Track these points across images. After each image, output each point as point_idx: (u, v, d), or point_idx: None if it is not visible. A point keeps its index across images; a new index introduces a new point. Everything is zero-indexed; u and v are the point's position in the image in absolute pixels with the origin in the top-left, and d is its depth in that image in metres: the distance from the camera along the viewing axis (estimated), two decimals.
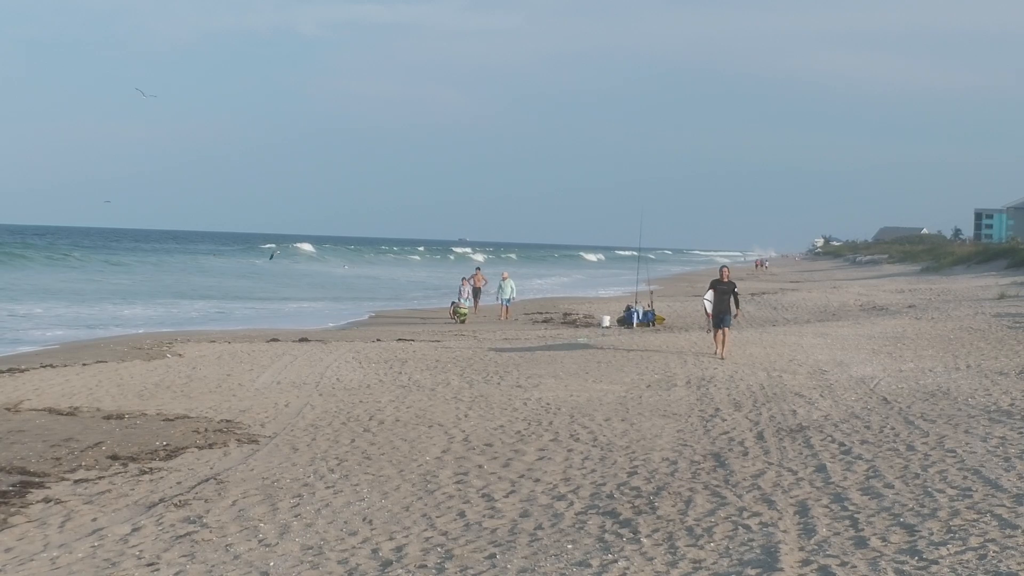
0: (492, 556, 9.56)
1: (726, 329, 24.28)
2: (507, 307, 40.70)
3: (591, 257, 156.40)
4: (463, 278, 42.15)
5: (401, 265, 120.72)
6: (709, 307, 24.81)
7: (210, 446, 15.12)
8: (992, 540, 9.19)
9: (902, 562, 8.67)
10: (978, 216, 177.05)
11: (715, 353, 24.22)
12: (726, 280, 25.00)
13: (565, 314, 41.65)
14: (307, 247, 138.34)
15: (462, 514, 11.20)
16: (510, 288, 41.08)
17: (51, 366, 23.23)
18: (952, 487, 11.40)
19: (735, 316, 24.72)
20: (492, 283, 43.74)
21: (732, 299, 24.65)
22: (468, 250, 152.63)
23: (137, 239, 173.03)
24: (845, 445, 14.10)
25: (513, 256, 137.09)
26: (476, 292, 42.05)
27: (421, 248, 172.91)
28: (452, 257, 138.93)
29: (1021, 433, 14.43)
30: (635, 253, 49.13)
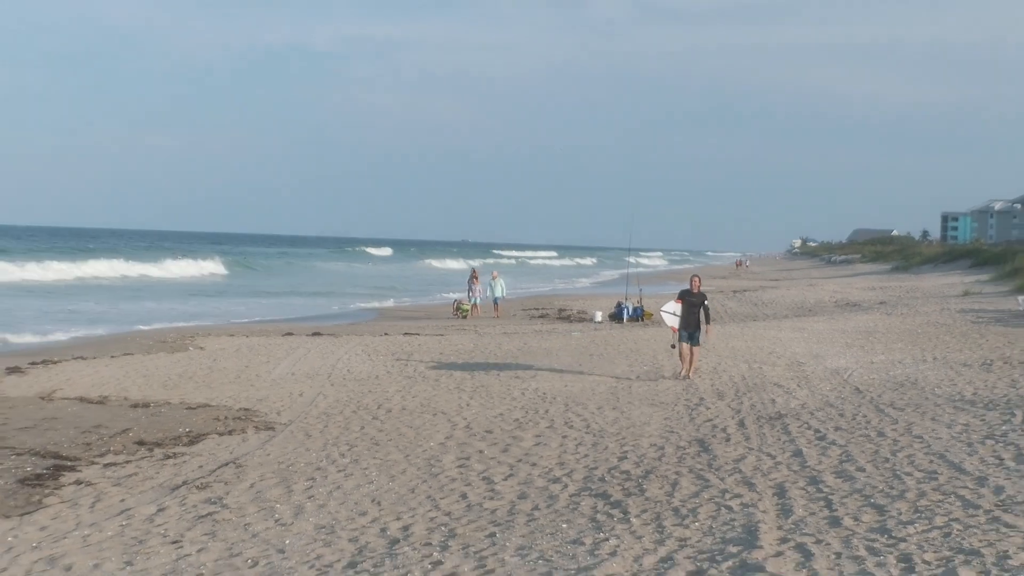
0: (492, 535, 9.58)
1: (695, 348, 19.82)
2: (497, 305, 40.60)
3: (586, 261, 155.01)
4: (474, 273, 42.06)
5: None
6: (669, 320, 20.36)
7: (229, 433, 15.15)
8: (956, 519, 9.22)
9: (873, 540, 8.70)
10: (944, 219, 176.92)
11: (679, 373, 19.93)
12: (696, 291, 20.05)
13: (560, 310, 41.64)
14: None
15: (464, 496, 11.22)
16: (500, 287, 41.08)
17: (82, 358, 23.24)
18: (919, 470, 11.44)
19: (705, 333, 20.12)
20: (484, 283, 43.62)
21: (702, 312, 19.90)
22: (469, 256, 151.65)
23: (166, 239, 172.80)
24: (820, 431, 14.13)
25: (513, 261, 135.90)
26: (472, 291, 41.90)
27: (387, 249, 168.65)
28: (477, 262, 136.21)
29: (983, 420, 14.46)
30: (626, 258, 48.95)
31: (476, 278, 41.26)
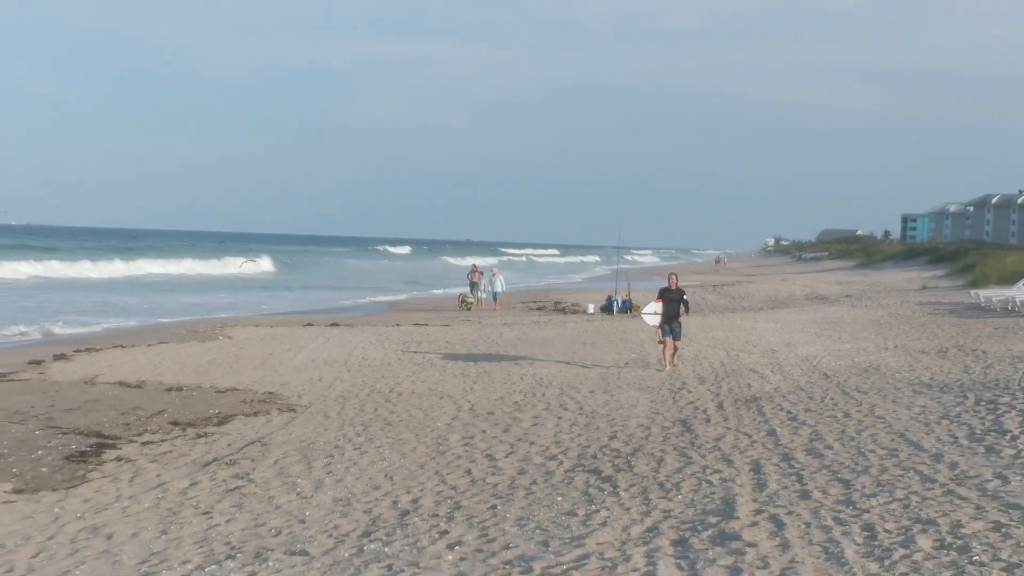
0: (494, 507, 9.57)
1: (677, 343, 19.23)
2: (498, 299, 40.54)
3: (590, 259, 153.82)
4: (480, 272, 42.05)
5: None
6: (651, 320, 19.79)
7: (255, 414, 15.14)
8: (915, 492, 9.22)
9: (839, 511, 8.69)
10: (904, 220, 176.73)
11: (662, 363, 19.31)
12: (675, 288, 19.57)
13: (556, 303, 41.60)
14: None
15: (468, 471, 11.21)
16: (500, 282, 41.01)
17: (121, 346, 23.24)
18: (881, 448, 11.43)
19: (683, 316, 19.50)
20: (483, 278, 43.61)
21: (681, 306, 19.40)
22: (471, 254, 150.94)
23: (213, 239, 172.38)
24: (792, 413, 14.12)
25: (524, 259, 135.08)
26: (473, 286, 41.87)
27: (407, 247, 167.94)
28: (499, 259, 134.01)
29: (939, 403, 14.45)
30: (615, 256, 48.95)
31: (477, 273, 41.22)
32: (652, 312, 19.80)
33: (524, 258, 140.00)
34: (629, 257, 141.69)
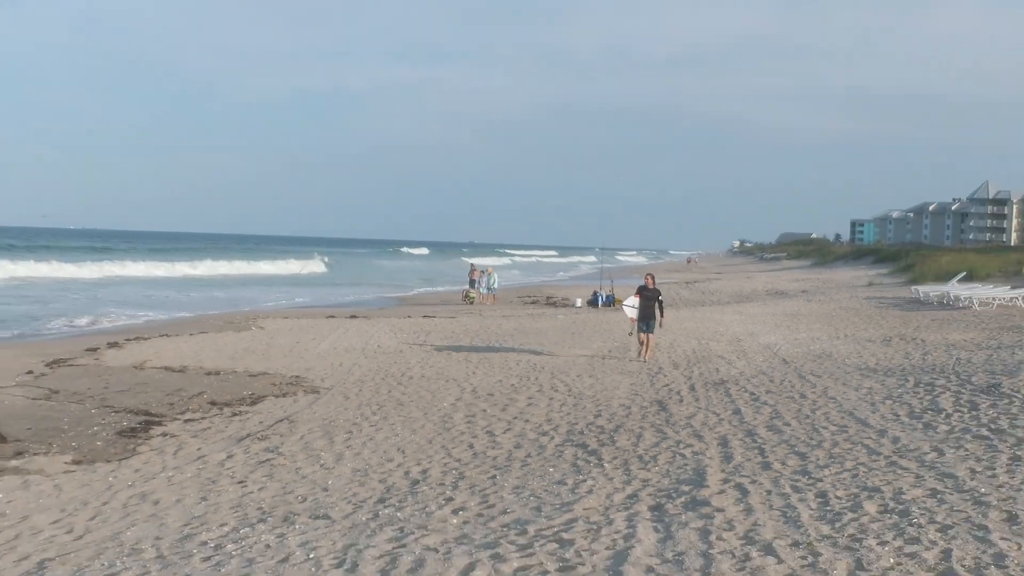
0: (493, 477, 9.57)
1: (650, 335, 18.76)
2: (493, 295, 40.48)
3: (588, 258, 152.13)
4: (481, 270, 42.02)
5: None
6: (630, 312, 19.39)
7: (284, 395, 15.13)
8: (862, 463, 9.23)
9: (796, 480, 8.70)
10: (853, 224, 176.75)
11: (639, 355, 18.78)
12: (652, 287, 19.08)
13: (547, 297, 41.57)
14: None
15: (471, 446, 11.21)
16: (494, 279, 41.05)
17: (166, 335, 23.21)
18: (833, 424, 11.44)
19: (658, 324, 18.96)
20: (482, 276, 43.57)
21: (656, 306, 18.80)
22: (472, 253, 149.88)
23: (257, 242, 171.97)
24: (755, 394, 14.12)
25: (534, 259, 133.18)
26: (472, 283, 41.82)
27: (466, 249, 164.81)
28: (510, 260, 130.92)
29: (883, 385, 14.46)
30: (600, 256, 48.97)
31: (477, 271, 41.19)
32: (632, 306, 19.38)
33: (534, 259, 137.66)
34: (620, 257, 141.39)
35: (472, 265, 45.31)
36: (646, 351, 18.62)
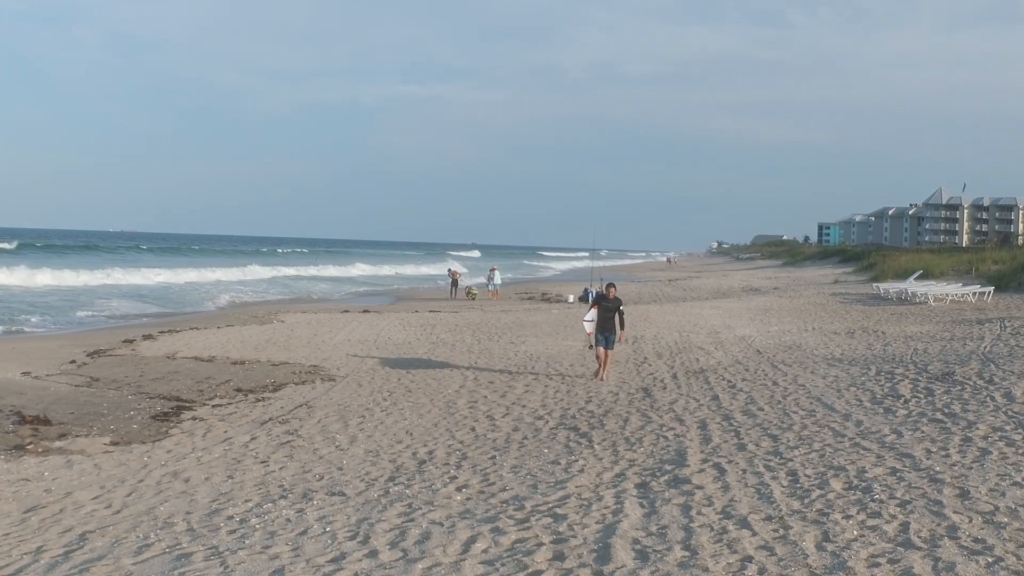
0: (493, 457, 9.57)
1: (609, 351, 14.89)
2: (496, 292, 40.48)
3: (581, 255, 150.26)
4: (491, 268, 42.17)
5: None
6: (588, 327, 15.22)
7: (303, 383, 15.12)
8: (828, 445, 9.23)
9: (769, 460, 8.70)
10: (820, 227, 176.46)
11: (595, 375, 15.02)
12: (612, 298, 14.99)
13: (543, 294, 41.54)
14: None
15: (473, 429, 11.20)
16: (498, 278, 41.18)
17: (196, 328, 23.18)
18: (802, 409, 11.44)
19: (619, 339, 15.03)
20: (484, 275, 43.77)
21: (617, 318, 14.85)
22: (477, 252, 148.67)
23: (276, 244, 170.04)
24: (731, 382, 14.12)
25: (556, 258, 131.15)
26: (455, 283, 41.69)
27: (476, 252, 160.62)
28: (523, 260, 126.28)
29: (848, 373, 14.46)
30: (591, 256, 48.91)
31: (457, 273, 41.75)
32: (590, 320, 15.21)
33: (552, 256, 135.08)
34: (607, 258, 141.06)
35: (450, 270, 45.65)
36: (603, 370, 14.88)
